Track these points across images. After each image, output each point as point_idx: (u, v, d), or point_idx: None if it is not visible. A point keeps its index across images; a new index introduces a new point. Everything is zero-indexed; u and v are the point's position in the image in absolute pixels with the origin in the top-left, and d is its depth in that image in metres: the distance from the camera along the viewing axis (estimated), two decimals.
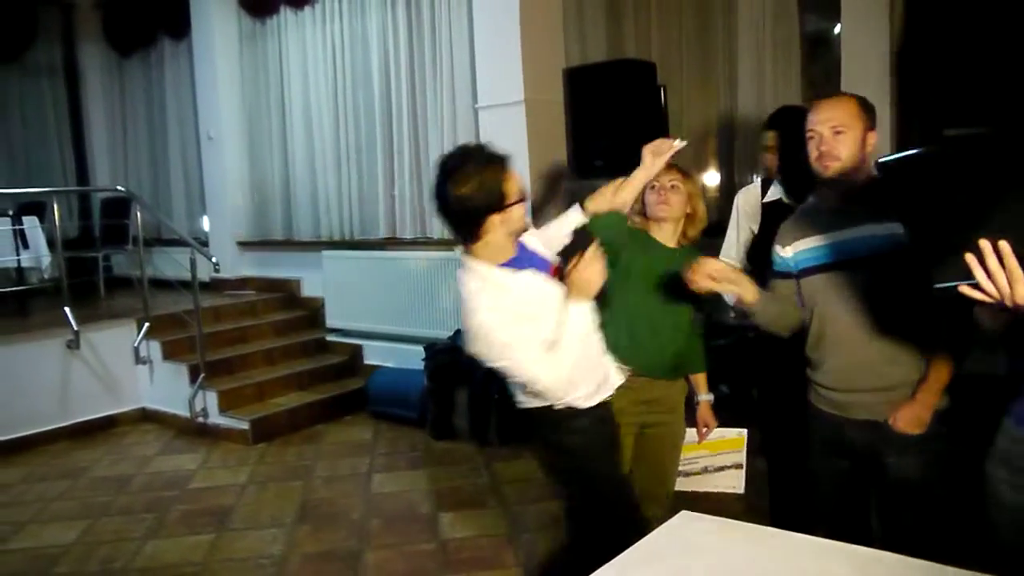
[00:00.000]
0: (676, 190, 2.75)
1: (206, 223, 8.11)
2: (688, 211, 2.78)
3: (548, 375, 2.15)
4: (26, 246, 6.43)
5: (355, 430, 5.68)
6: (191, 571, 3.68)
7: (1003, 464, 1.82)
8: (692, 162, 5.60)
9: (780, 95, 5.31)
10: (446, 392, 5.32)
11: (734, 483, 2.78)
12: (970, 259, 1.36)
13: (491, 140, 5.63)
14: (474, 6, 5.55)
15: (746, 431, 2.87)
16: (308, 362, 6.34)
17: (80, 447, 5.62)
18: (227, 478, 4.88)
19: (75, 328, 5.77)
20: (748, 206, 3.17)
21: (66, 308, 5.79)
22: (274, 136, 7.46)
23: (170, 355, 6.04)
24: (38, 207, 6.90)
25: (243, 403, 5.74)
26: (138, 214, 6.79)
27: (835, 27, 5.08)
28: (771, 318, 2.44)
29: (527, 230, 2.29)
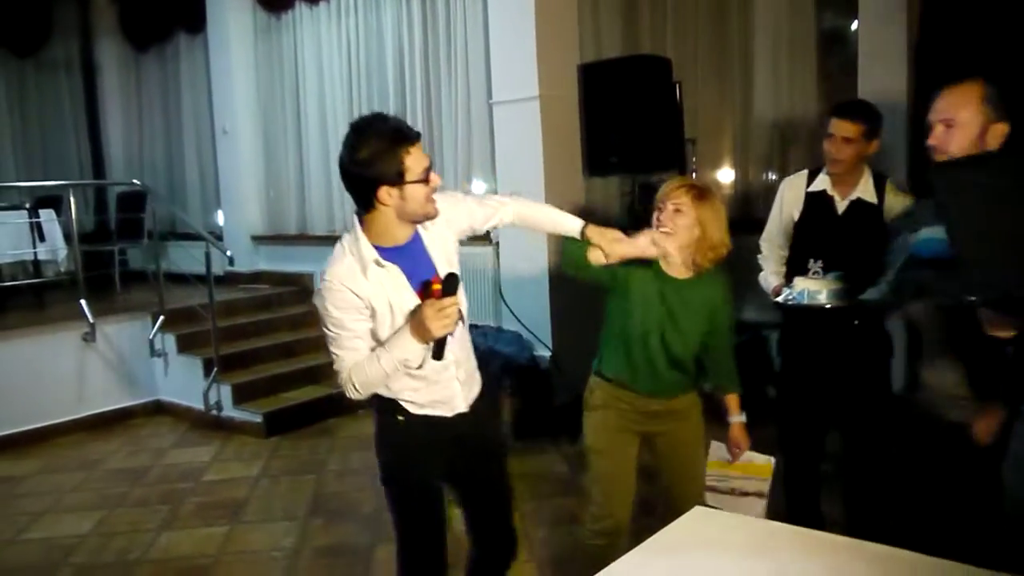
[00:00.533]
0: (680, 214, 2.48)
1: (221, 217, 8.15)
2: (697, 235, 2.50)
3: (349, 367, 2.10)
4: (43, 239, 6.47)
5: (368, 425, 5.65)
6: (205, 563, 3.70)
7: (1016, 468, 1.82)
8: (707, 159, 5.58)
9: (796, 91, 5.28)
10: None
11: (755, 511, 2.70)
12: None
13: (506, 135, 5.67)
14: (489, 1, 5.54)
15: (774, 460, 2.80)
16: (321, 356, 6.34)
17: (96, 439, 5.67)
18: (241, 471, 4.91)
19: (91, 321, 5.81)
20: (792, 193, 3.16)
21: (82, 301, 5.84)
22: (289, 130, 7.49)
23: (185, 348, 6.07)
24: (55, 200, 6.95)
25: (257, 396, 5.76)
26: (153, 208, 6.83)
27: (852, 23, 5.06)
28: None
29: (432, 218, 2.14)
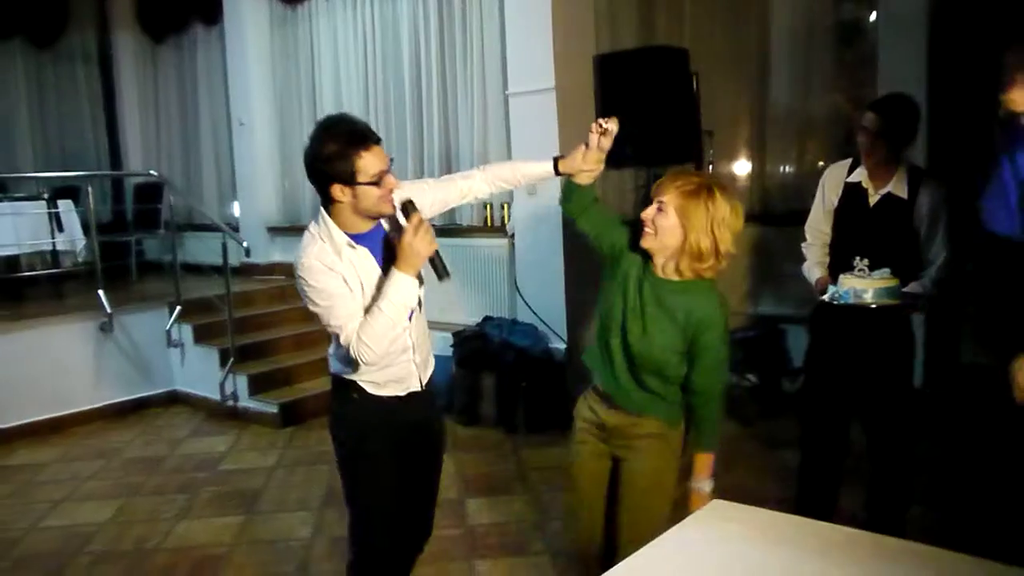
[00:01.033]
0: (662, 214, 2.16)
1: (236, 208, 8.18)
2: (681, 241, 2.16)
3: (354, 329, 2.16)
4: (61, 229, 6.52)
5: None
6: (221, 552, 3.73)
7: None
8: (724, 151, 5.55)
9: (814, 82, 5.25)
10: (474, 379, 5.33)
11: None
12: None
13: (522, 127, 5.65)
14: None
15: None
16: None
17: (113, 428, 5.71)
18: (256, 461, 4.94)
19: (108, 311, 5.85)
20: (833, 181, 3.16)
21: (100, 291, 5.88)
22: (304, 122, 7.49)
23: (201, 339, 6.10)
24: (73, 191, 6.99)
25: (272, 387, 5.79)
26: (170, 199, 6.87)
27: (870, 14, 5.02)
28: None
29: (387, 216, 2.26)
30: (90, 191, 6.18)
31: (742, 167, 5.66)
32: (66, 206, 6.62)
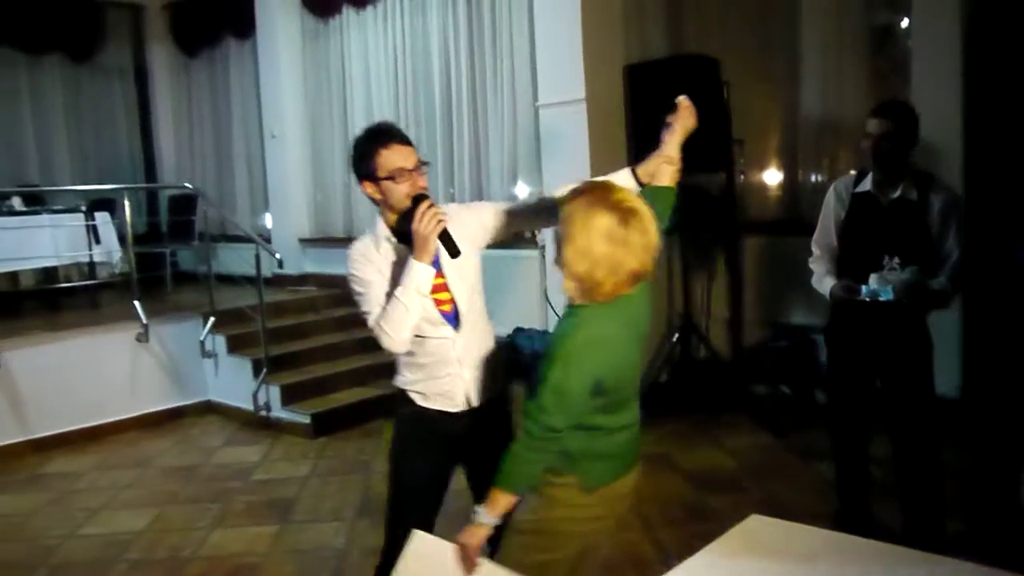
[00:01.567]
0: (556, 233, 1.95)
1: (268, 220, 8.26)
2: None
3: (378, 316, 2.30)
4: (98, 241, 6.62)
5: None
6: (255, 561, 3.75)
7: None
8: (755, 160, 5.51)
9: (846, 90, 5.20)
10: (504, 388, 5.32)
11: None
12: None
13: (552, 138, 5.65)
14: (534, 4, 5.54)
15: None
16: (368, 358, 6.39)
17: (148, 437, 5.78)
18: (289, 470, 4.97)
19: (144, 321, 5.92)
20: (838, 193, 3.17)
21: (135, 302, 5.96)
22: (336, 134, 7.56)
23: (234, 349, 6.15)
24: (108, 203, 7.11)
25: (305, 397, 5.82)
26: (204, 210, 6.95)
27: (903, 20, 4.97)
28: None
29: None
30: (126, 203, 6.28)
31: (773, 176, 5.62)
32: (103, 218, 6.72)
